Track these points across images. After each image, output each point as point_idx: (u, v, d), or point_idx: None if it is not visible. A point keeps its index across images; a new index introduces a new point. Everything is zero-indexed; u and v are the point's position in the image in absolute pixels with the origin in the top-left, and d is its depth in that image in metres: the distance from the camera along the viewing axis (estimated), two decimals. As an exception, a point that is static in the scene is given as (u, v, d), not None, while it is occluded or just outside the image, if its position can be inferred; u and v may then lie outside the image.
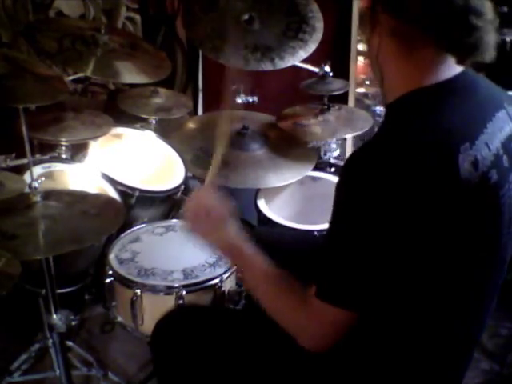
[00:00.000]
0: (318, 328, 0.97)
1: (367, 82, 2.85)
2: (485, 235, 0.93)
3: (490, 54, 0.91)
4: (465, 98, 0.95)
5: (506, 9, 2.16)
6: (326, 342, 0.98)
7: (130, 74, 2.01)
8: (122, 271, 1.55)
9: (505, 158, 0.95)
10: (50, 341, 1.83)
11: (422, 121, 0.90)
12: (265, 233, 1.68)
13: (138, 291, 1.49)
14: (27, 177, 1.69)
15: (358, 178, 0.88)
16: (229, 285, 1.57)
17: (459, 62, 0.92)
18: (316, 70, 2.17)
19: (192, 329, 1.26)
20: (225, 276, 1.54)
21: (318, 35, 2.10)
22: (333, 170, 2.26)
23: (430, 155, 0.85)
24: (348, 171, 0.91)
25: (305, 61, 2.12)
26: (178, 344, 1.24)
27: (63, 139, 1.98)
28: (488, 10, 0.88)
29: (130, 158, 2.19)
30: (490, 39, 0.89)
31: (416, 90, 0.94)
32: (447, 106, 0.92)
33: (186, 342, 1.23)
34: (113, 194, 1.92)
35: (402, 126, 0.92)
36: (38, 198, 1.44)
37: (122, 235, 1.72)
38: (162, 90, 2.36)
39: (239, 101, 2.24)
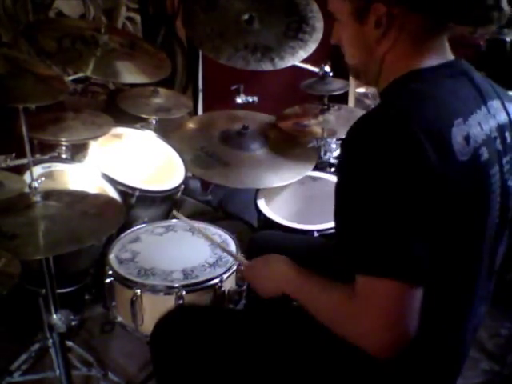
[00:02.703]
0: (371, 316, 0.87)
1: (367, 82, 2.85)
2: (473, 212, 0.93)
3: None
4: (459, 80, 0.97)
5: (506, 9, 2.16)
6: (388, 331, 0.86)
7: (130, 74, 2.01)
8: (121, 271, 1.54)
9: (498, 141, 0.97)
10: (50, 341, 1.83)
11: (417, 95, 0.92)
12: (266, 237, 1.67)
13: (138, 291, 1.49)
14: (27, 177, 1.69)
15: (358, 150, 0.90)
16: (229, 285, 1.57)
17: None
18: (316, 70, 2.17)
19: (191, 329, 1.26)
20: (225, 276, 1.54)
21: (318, 35, 2.11)
22: (333, 169, 2.25)
23: (427, 126, 0.87)
24: (349, 146, 0.93)
25: (305, 61, 2.13)
26: (177, 344, 1.24)
27: (63, 139, 1.98)
28: None
29: (130, 158, 2.19)
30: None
31: (411, 72, 0.96)
32: (442, 85, 0.94)
33: (185, 342, 1.23)
34: (113, 194, 1.92)
35: (398, 100, 0.93)
36: (38, 198, 1.44)
37: (122, 235, 1.72)
38: (162, 90, 2.36)
39: (239, 101, 2.24)
